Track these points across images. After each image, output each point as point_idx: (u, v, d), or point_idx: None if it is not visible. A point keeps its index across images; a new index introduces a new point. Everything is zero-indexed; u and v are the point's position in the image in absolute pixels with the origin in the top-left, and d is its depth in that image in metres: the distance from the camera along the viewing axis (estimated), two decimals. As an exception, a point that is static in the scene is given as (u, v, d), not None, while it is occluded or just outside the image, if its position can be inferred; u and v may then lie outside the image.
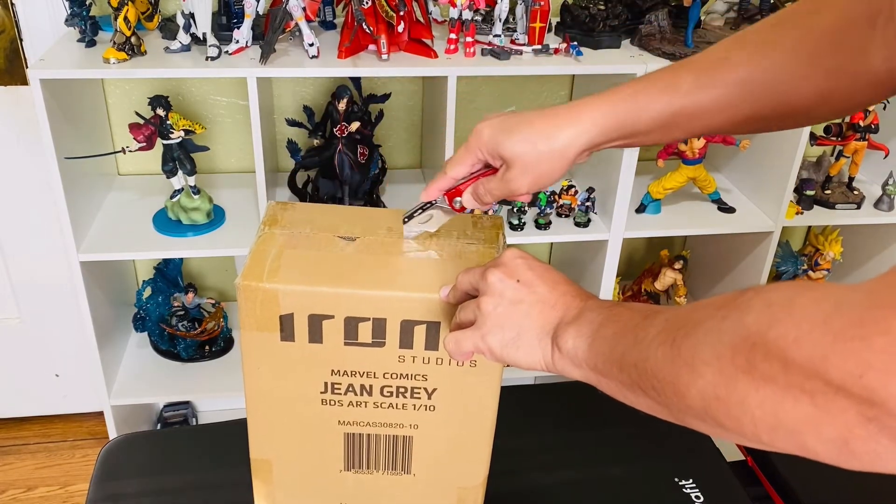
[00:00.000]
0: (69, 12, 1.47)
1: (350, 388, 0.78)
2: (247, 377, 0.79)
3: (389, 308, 0.73)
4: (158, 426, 2.01)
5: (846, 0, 0.69)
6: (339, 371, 0.77)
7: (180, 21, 1.43)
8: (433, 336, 0.74)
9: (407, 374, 0.77)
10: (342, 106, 1.58)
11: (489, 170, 0.75)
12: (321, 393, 0.79)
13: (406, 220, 0.78)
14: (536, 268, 0.66)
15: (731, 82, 0.71)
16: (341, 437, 0.82)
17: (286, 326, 0.74)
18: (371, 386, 0.78)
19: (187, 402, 2.04)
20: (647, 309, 0.58)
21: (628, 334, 0.57)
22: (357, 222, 0.81)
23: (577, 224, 1.70)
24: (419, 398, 0.78)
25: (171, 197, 1.62)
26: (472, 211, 0.78)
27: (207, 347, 1.83)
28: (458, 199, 0.76)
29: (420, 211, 0.78)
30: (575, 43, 1.52)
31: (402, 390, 0.78)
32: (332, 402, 0.79)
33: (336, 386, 0.78)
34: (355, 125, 1.59)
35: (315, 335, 0.75)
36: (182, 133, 1.55)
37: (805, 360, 0.43)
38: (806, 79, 0.69)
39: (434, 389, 0.78)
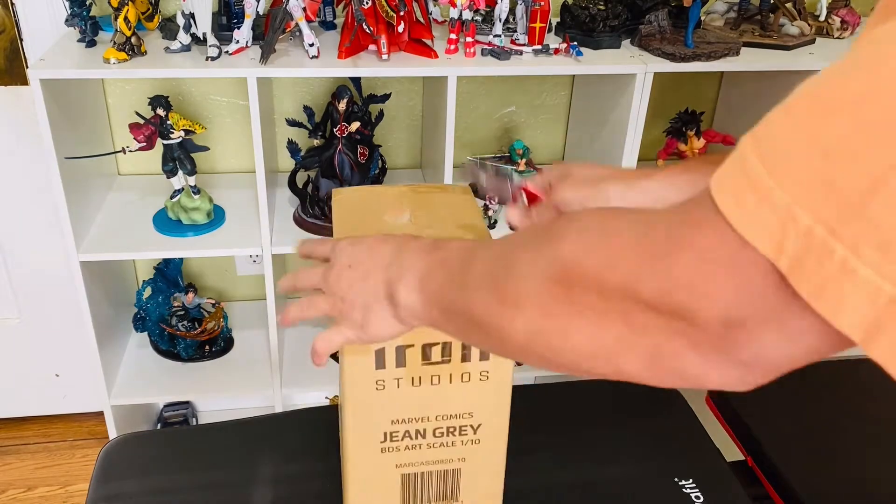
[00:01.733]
0: (69, 12, 1.47)
1: (406, 434, 0.81)
2: (347, 408, 0.80)
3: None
4: (158, 426, 2.01)
5: None
6: (398, 419, 0.80)
7: (180, 21, 1.43)
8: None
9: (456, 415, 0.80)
10: (342, 106, 1.58)
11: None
12: (381, 442, 0.81)
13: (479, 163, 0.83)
14: (357, 243, 0.67)
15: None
16: (398, 478, 0.85)
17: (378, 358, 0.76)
18: (425, 430, 0.81)
19: (187, 402, 2.04)
20: (466, 250, 0.58)
21: (453, 281, 0.57)
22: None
23: (577, 224, 1.70)
24: (466, 434, 0.82)
25: (172, 197, 1.62)
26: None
27: (207, 347, 1.83)
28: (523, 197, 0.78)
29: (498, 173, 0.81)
30: (575, 43, 1.52)
31: (451, 429, 0.81)
32: (391, 450, 0.82)
33: (394, 435, 0.81)
34: (355, 125, 1.59)
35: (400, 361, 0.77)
36: (182, 133, 1.55)
37: (619, 283, 0.43)
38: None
39: (479, 424, 0.81)
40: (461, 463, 0.84)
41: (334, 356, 0.72)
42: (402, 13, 1.44)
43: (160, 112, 1.52)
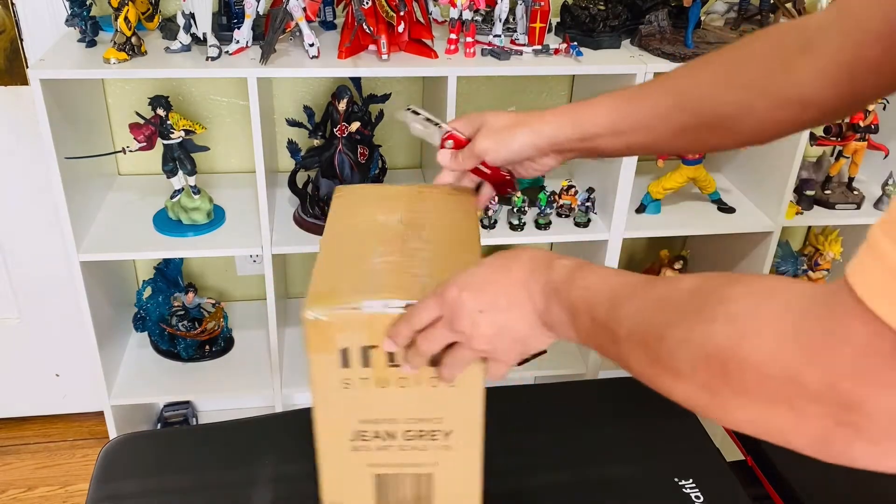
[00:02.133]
0: (69, 12, 1.47)
1: (377, 435, 0.80)
2: (317, 406, 0.79)
3: None
4: (158, 426, 2.01)
5: (783, 28, 0.76)
6: (367, 420, 0.79)
7: (180, 21, 1.43)
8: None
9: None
10: (342, 106, 1.58)
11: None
12: (350, 441, 0.80)
13: (413, 112, 0.92)
14: (473, 286, 0.66)
15: (665, 91, 0.79)
16: (372, 479, 0.84)
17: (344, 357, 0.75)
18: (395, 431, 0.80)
19: (187, 402, 2.04)
20: (607, 300, 0.59)
21: (603, 332, 0.59)
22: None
23: (577, 224, 1.70)
24: (436, 439, 0.80)
25: (172, 197, 1.62)
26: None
27: (207, 347, 1.83)
28: (450, 142, 0.87)
29: (428, 121, 0.90)
30: (575, 43, 1.52)
31: (422, 433, 0.79)
32: (362, 449, 0.81)
33: (365, 434, 0.80)
34: (355, 125, 1.59)
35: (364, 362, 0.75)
36: (182, 133, 1.55)
37: (780, 373, 0.45)
38: (727, 88, 0.75)
39: (450, 431, 0.79)
40: (434, 467, 0.83)
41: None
42: (402, 13, 1.44)
43: (160, 112, 1.52)
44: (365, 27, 1.42)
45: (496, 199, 1.60)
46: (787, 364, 0.44)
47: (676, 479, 1.01)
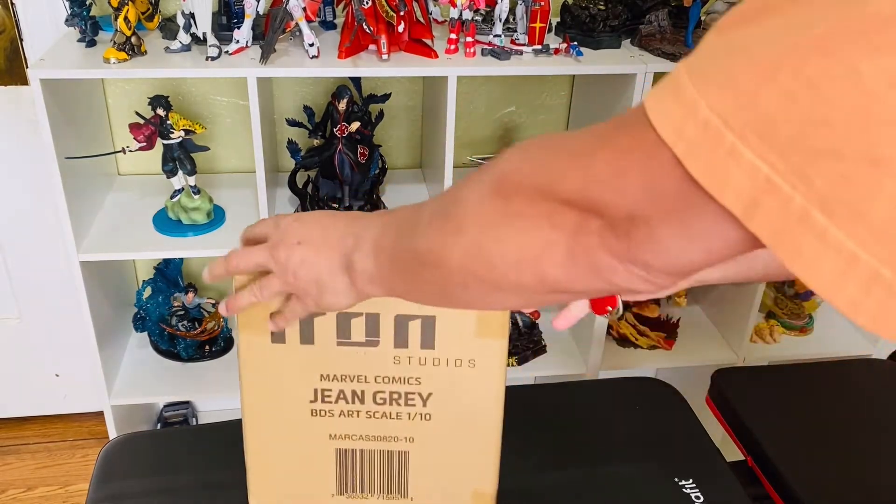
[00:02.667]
0: (69, 12, 1.47)
1: (341, 395, 0.74)
2: (243, 388, 0.76)
3: (382, 302, 0.71)
4: (158, 426, 2.01)
5: None
6: (329, 376, 0.73)
7: (180, 21, 1.43)
8: (429, 333, 0.71)
9: (400, 378, 0.73)
10: (342, 106, 1.58)
11: None
12: (311, 402, 0.74)
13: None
14: (304, 220, 0.68)
15: None
16: (333, 455, 0.77)
17: None
18: (363, 392, 0.74)
19: (187, 402, 2.04)
20: (417, 204, 0.61)
21: (404, 232, 0.59)
22: None
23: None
24: (413, 405, 0.74)
25: (172, 197, 1.62)
26: None
27: (207, 347, 1.83)
28: None
29: None
30: (575, 43, 1.52)
31: (395, 396, 0.74)
32: (323, 413, 0.75)
33: (326, 393, 0.74)
34: (355, 125, 1.59)
35: (307, 335, 0.72)
36: (182, 133, 1.55)
37: (545, 183, 0.46)
38: None
39: (429, 394, 0.74)
40: (409, 444, 0.76)
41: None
42: (402, 13, 1.44)
43: (160, 112, 1.52)
44: (365, 27, 1.42)
45: None
46: (553, 172, 0.46)
47: (676, 479, 1.01)
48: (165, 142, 1.56)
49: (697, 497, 0.99)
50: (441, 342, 0.72)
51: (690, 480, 1.01)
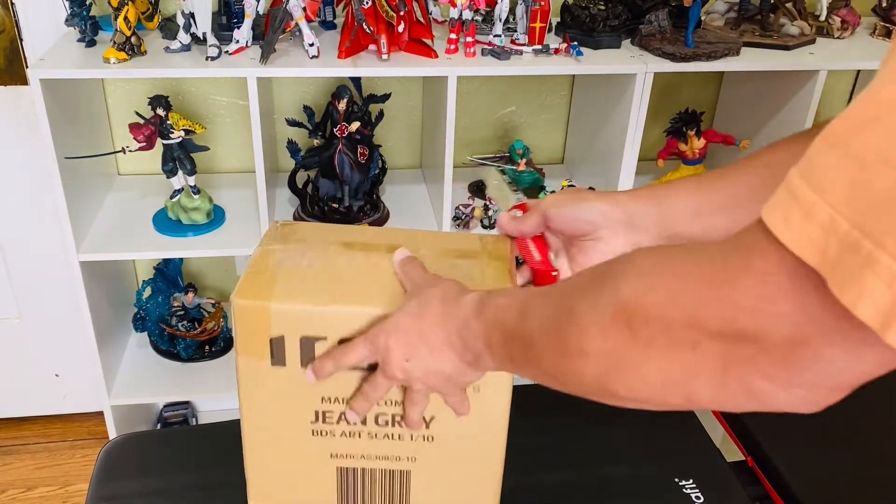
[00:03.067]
0: (69, 12, 1.47)
1: (343, 417, 0.73)
2: (242, 407, 0.76)
3: None
4: (158, 426, 2.01)
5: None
6: (330, 398, 0.72)
7: (180, 21, 1.43)
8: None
9: (402, 402, 0.72)
10: (342, 106, 1.58)
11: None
12: (312, 423, 0.74)
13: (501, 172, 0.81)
14: (397, 333, 0.67)
15: (753, 168, 0.73)
16: (334, 473, 0.77)
17: (277, 350, 0.71)
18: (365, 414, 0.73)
19: (187, 402, 2.04)
20: (517, 304, 0.60)
21: (514, 342, 0.59)
22: (359, 239, 0.78)
23: (577, 224, 1.70)
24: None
25: (171, 197, 1.62)
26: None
27: (207, 347, 1.83)
28: (518, 211, 0.78)
29: (510, 185, 0.81)
30: (575, 43, 1.52)
31: (397, 418, 0.73)
32: (324, 433, 0.74)
33: (328, 415, 0.73)
34: (355, 125, 1.59)
35: (307, 358, 0.71)
36: (182, 133, 1.55)
37: (683, 316, 0.45)
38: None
39: (432, 418, 0.73)
40: (411, 464, 0.75)
41: None
42: (402, 13, 1.43)
43: (160, 112, 1.52)
44: (365, 27, 1.42)
45: (495, 203, 1.60)
46: (688, 304, 0.44)
47: (676, 480, 1.01)
48: (165, 142, 1.56)
49: (697, 497, 0.99)
50: None
51: (690, 480, 1.01)
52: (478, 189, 1.77)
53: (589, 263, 0.76)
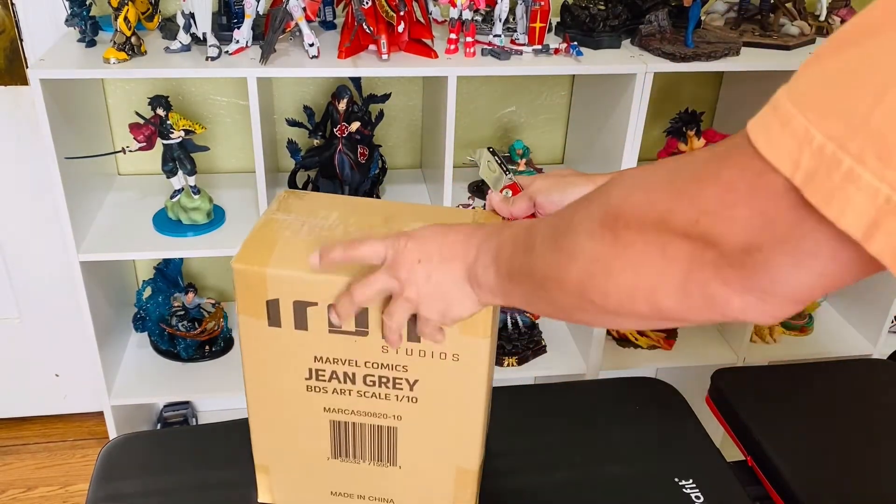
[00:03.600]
0: (69, 12, 1.47)
1: (334, 376, 0.79)
2: (244, 363, 0.81)
3: None
4: (158, 426, 2.01)
5: None
6: (322, 358, 0.78)
7: (180, 21, 1.43)
8: (415, 327, 0.74)
9: (389, 365, 0.78)
10: (342, 106, 1.58)
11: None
12: (306, 379, 0.80)
13: (492, 153, 0.89)
14: (419, 238, 0.69)
15: None
16: (327, 425, 0.83)
17: (273, 312, 0.76)
18: (354, 374, 0.79)
19: (187, 402, 2.04)
20: (530, 223, 0.64)
21: (520, 249, 0.62)
22: (358, 211, 0.82)
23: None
24: (401, 389, 0.79)
25: (171, 197, 1.62)
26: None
27: (207, 347, 1.83)
28: (508, 191, 0.83)
29: (500, 166, 0.87)
30: (575, 43, 1.52)
31: (384, 380, 0.79)
32: (318, 389, 0.80)
33: (320, 373, 0.79)
34: (355, 125, 1.59)
35: (300, 322, 0.76)
36: (182, 133, 1.55)
37: (656, 217, 0.47)
38: None
39: (416, 381, 0.79)
40: (397, 421, 0.82)
41: None
42: (402, 13, 1.44)
43: (160, 112, 1.52)
44: (365, 27, 1.42)
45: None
46: (661, 206, 0.47)
47: (676, 479, 1.01)
48: (165, 142, 1.56)
49: (697, 497, 0.99)
50: None
51: (690, 480, 1.01)
52: (478, 189, 1.77)
53: None
